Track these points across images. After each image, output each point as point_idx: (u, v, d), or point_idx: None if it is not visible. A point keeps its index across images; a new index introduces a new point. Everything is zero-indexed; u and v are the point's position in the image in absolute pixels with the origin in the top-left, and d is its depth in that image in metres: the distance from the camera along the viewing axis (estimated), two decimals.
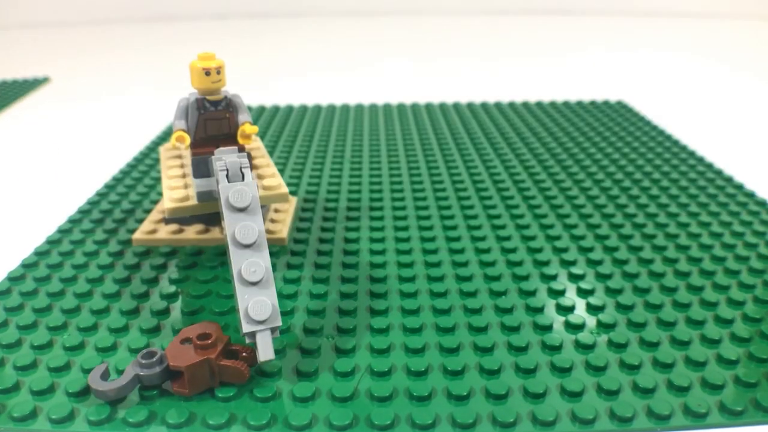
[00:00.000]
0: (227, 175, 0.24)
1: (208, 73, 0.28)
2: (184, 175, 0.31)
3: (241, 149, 0.29)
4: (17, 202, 0.40)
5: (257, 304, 0.22)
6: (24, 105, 0.62)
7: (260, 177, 0.30)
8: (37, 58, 0.86)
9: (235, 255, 0.23)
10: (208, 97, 0.29)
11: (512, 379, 0.23)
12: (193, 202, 0.29)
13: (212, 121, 0.29)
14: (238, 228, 0.23)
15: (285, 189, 0.29)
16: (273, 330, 0.22)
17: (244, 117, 0.29)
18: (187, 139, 0.28)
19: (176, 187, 0.30)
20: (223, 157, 0.25)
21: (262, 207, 0.34)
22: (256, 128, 0.29)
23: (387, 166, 0.43)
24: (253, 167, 0.31)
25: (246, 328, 0.22)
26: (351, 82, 0.71)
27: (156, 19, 1.13)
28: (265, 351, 0.22)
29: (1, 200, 0.40)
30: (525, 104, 0.58)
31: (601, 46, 0.91)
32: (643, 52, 0.86)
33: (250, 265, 0.22)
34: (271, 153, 0.46)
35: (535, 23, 1.10)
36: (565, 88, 0.66)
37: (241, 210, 0.23)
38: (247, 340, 0.22)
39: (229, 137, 0.30)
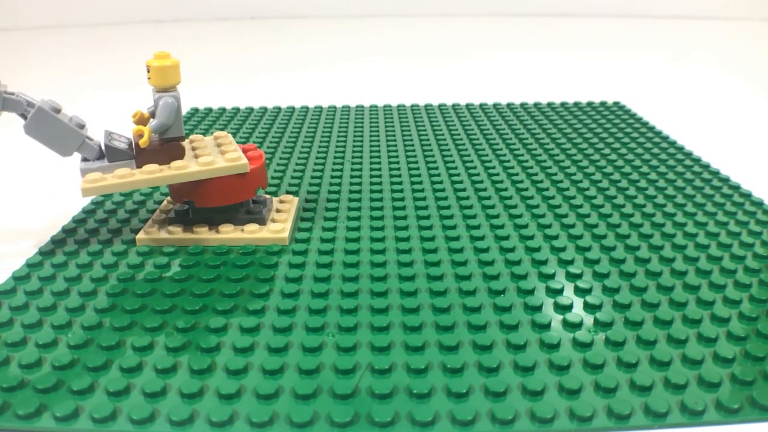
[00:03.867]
0: None
1: (147, 70, 0.31)
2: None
3: (137, 147, 0.31)
4: (22, 202, 0.40)
5: None
6: None
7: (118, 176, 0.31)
8: (39, 59, 0.86)
9: None
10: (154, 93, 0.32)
11: (511, 377, 0.23)
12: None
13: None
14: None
15: (81, 187, 0.30)
16: None
17: (152, 120, 0.31)
18: (136, 115, 0.32)
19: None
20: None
21: (264, 206, 0.34)
22: (143, 139, 0.31)
23: (387, 167, 0.43)
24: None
25: None
26: (351, 82, 0.72)
27: (159, 21, 1.13)
28: None
29: (6, 200, 0.40)
30: (523, 105, 0.59)
31: (598, 47, 0.92)
32: (640, 53, 0.87)
33: None
34: (273, 154, 0.46)
35: (532, 25, 1.10)
36: (562, 90, 0.66)
37: None
38: None
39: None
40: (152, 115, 0.32)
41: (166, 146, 0.31)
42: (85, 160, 0.32)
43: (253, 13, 1.17)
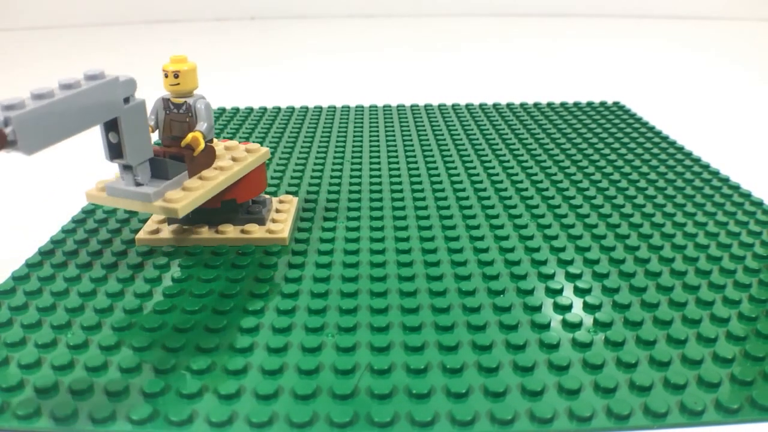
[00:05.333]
0: None
1: (166, 75, 0.30)
2: None
3: (189, 156, 0.30)
4: (21, 202, 0.40)
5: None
6: None
7: (184, 188, 0.30)
8: (40, 58, 0.86)
9: None
10: (172, 99, 0.30)
11: (510, 377, 0.23)
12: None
13: (176, 123, 0.31)
14: None
15: (177, 206, 0.28)
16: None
17: (199, 125, 0.30)
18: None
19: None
20: None
21: (264, 206, 0.34)
22: (199, 143, 0.30)
23: (387, 167, 0.43)
24: (201, 177, 0.31)
25: None
26: (351, 82, 0.72)
27: (160, 21, 1.13)
28: None
29: (5, 200, 0.40)
30: (523, 105, 0.59)
31: (598, 47, 0.92)
32: (640, 53, 0.87)
33: None
34: (272, 154, 0.46)
35: (532, 25, 1.10)
36: (562, 89, 0.66)
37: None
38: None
39: (179, 141, 0.31)
40: (156, 126, 0.31)
41: (208, 148, 0.31)
42: (138, 184, 0.29)
43: (253, 14, 1.17)
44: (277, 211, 0.35)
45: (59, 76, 0.31)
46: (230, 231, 0.33)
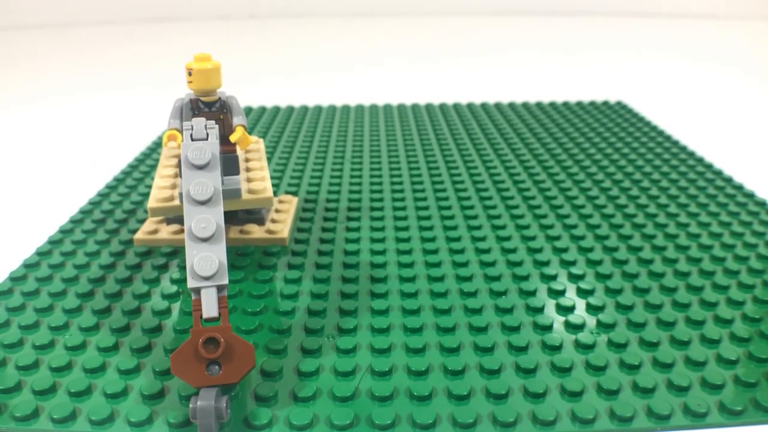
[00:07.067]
0: (191, 134, 0.24)
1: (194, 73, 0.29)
2: (175, 176, 0.31)
3: (232, 151, 0.29)
4: (19, 201, 0.40)
5: (204, 260, 0.21)
6: (25, 104, 0.62)
7: (249, 180, 0.31)
8: (40, 57, 0.86)
9: (188, 211, 0.22)
10: (202, 98, 0.29)
11: (512, 379, 0.23)
12: (176, 202, 0.29)
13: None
14: (193, 184, 0.23)
15: (270, 193, 0.29)
16: (219, 288, 0.22)
17: (237, 120, 0.29)
18: (179, 138, 0.28)
19: (164, 187, 0.30)
20: (192, 121, 0.25)
21: (262, 208, 0.34)
22: (247, 139, 0.29)
23: (387, 167, 0.43)
24: (247, 169, 0.32)
25: (191, 283, 0.21)
26: (351, 82, 0.71)
27: (158, 20, 1.13)
28: (209, 308, 0.21)
29: (2, 200, 0.40)
30: (525, 104, 0.59)
31: (600, 46, 0.92)
32: (643, 52, 0.86)
33: (201, 221, 0.22)
34: (271, 154, 0.46)
35: (534, 24, 1.10)
36: (564, 89, 0.66)
37: (199, 167, 0.23)
38: (193, 296, 0.21)
39: (224, 139, 0.30)
40: (182, 127, 0.30)
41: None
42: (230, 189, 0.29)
43: (252, 11, 1.17)
44: (277, 211, 0.35)
45: (55, 77, 0.30)
46: (229, 231, 0.32)
